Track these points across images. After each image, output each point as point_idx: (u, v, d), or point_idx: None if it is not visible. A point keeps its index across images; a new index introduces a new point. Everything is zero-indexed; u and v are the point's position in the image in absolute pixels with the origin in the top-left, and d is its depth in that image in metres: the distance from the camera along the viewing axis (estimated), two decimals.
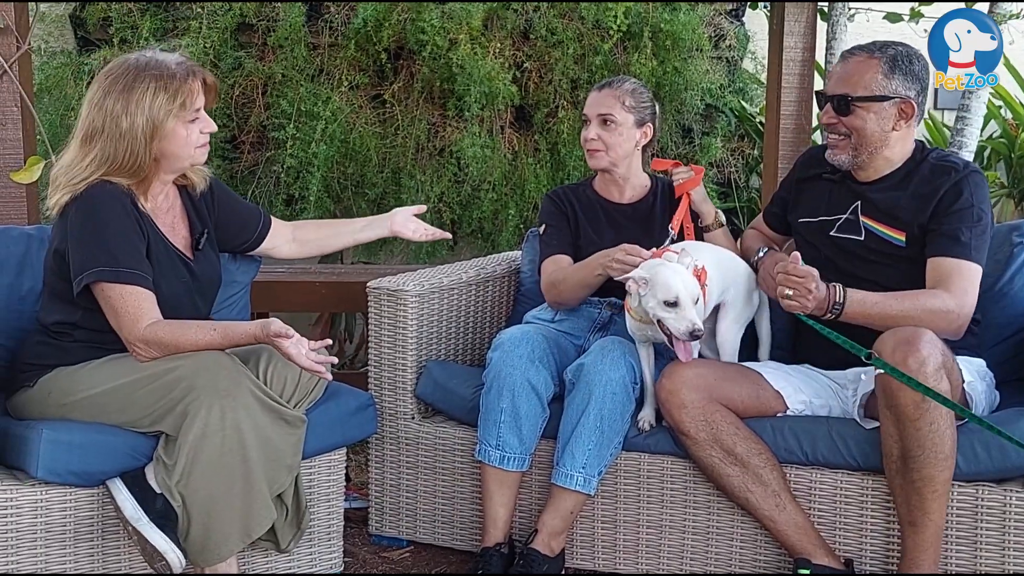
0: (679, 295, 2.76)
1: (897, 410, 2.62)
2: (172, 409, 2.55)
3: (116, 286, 2.62)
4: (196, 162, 2.83)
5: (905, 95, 2.89)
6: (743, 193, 5.27)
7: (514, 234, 4.81)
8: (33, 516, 2.59)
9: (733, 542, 2.96)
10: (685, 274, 2.81)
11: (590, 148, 3.34)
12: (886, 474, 2.74)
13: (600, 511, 3.08)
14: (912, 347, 2.57)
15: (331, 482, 3.04)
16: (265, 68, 4.84)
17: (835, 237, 3.02)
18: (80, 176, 2.69)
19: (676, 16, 4.85)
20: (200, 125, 2.77)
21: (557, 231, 3.41)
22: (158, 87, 2.68)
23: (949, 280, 2.79)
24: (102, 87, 2.70)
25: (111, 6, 4.84)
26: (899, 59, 2.90)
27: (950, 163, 2.95)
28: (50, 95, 4.86)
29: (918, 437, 2.61)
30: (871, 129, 2.91)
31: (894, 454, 2.68)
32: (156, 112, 2.67)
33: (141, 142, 2.68)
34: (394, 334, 3.27)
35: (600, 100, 3.33)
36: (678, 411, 2.85)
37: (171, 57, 2.75)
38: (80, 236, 2.65)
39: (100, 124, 2.69)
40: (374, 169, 4.84)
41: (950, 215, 2.84)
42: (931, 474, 2.63)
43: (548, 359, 3.10)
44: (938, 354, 2.59)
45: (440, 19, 4.65)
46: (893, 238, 2.93)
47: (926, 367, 2.55)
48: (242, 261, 3.23)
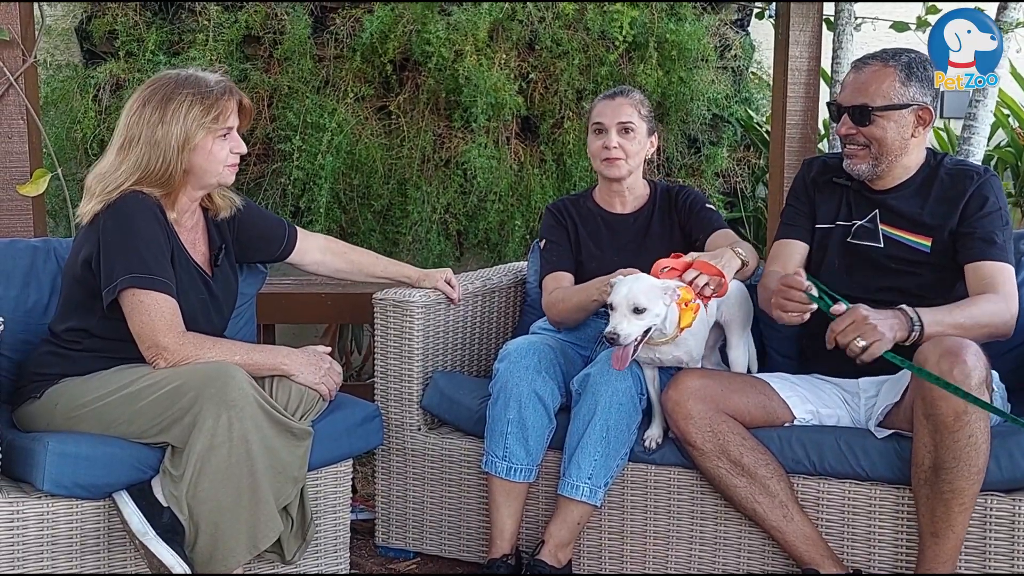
0: (614, 300, 2.76)
1: (936, 419, 2.59)
2: (179, 420, 2.55)
3: (152, 293, 2.65)
4: (224, 181, 2.86)
5: (923, 101, 2.89)
6: (749, 203, 5.26)
7: (520, 245, 4.81)
8: (40, 528, 2.59)
9: (740, 553, 2.95)
10: (643, 285, 2.76)
11: (610, 157, 3.31)
12: (912, 483, 2.72)
13: (607, 522, 3.07)
14: (958, 358, 2.55)
15: (337, 494, 3.04)
16: (271, 80, 4.85)
17: (853, 244, 3.00)
18: (114, 183, 2.73)
19: (682, 26, 4.85)
20: (231, 144, 2.82)
21: (557, 246, 3.40)
22: (194, 100, 2.74)
23: (995, 283, 2.79)
24: (142, 96, 2.77)
25: (117, 19, 4.85)
26: (914, 66, 2.89)
27: (969, 167, 2.96)
28: (56, 108, 4.88)
29: (955, 448, 2.59)
30: (891, 138, 2.90)
31: (925, 464, 2.65)
32: (190, 123, 2.73)
33: (174, 151, 2.73)
34: (400, 345, 3.27)
35: (618, 108, 3.31)
36: (685, 422, 2.84)
37: (211, 76, 2.82)
38: (113, 243, 2.68)
39: (137, 132, 2.74)
40: (380, 180, 4.84)
41: (981, 219, 2.84)
42: (962, 487, 2.61)
43: (555, 370, 3.09)
44: (982, 367, 2.57)
45: (446, 30, 4.65)
46: (919, 244, 2.92)
47: (971, 379, 2.54)
48: (248, 273, 3.23)
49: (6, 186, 3.75)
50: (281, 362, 2.76)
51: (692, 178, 5.09)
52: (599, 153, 3.33)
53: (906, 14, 4.37)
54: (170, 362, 2.63)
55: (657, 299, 2.76)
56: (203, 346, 2.67)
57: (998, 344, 3.02)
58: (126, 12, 4.88)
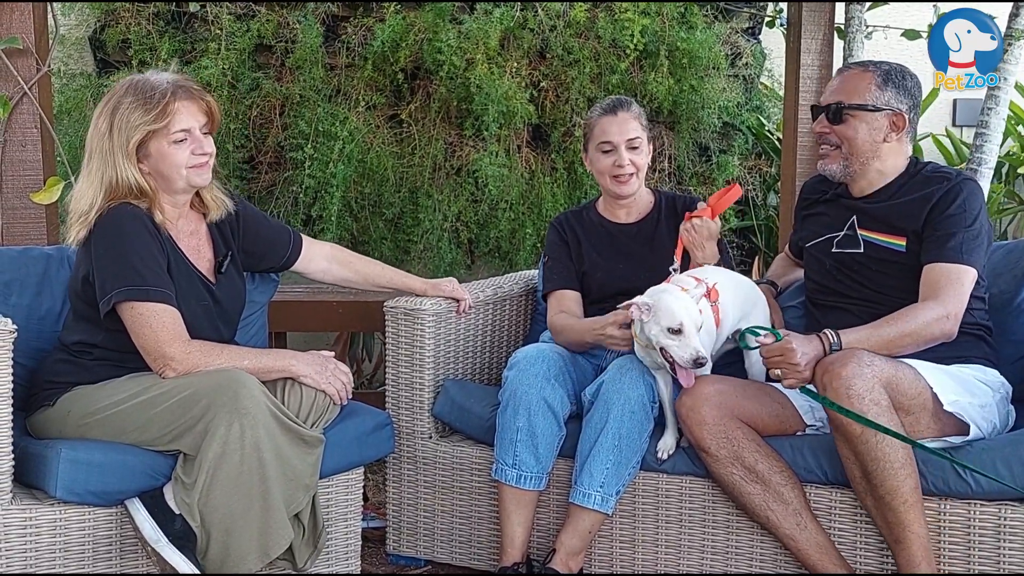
0: (683, 322, 2.74)
1: (842, 431, 2.67)
2: (191, 427, 2.56)
3: (148, 304, 2.64)
4: (193, 183, 2.81)
5: (896, 107, 2.96)
6: (761, 211, 5.25)
7: (531, 253, 4.81)
8: (52, 535, 2.60)
9: (753, 562, 2.94)
10: (688, 300, 2.79)
11: (623, 175, 3.30)
12: (859, 500, 2.77)
13: (618, 531, 3.07)
14: (834, 372, 2.64)
15: (349, 501, 3.05)
16: (283, 89, 4.86)
17: (836, 253, 3.06)
18: (87, 202, 2.72)
19: (693, 34, 4.85)
20: (191, 146, 2.76)
21: (558, 263, 3.40)
22: (136, 104, 2.71)
23: (937, 286, 2.82)
24: (98, 109, 2.77)
25: (130, 28, 4.87)
26: (892, 74, 2.98)
27: (944, 172, 3.01)
28: (69, 117, 4.89)
29: (868, 450, 2.65)
30: (862, 139, 2.96)
31: (856, 475, 2.73)
32: (131, 129, 2.70)
33: (122, 159, 2.70)
34: (411, 353, 3.27)
35: (624, 125, 3.29)
36: (699, 428, 2.84)
37: (164, 76, 2.77)
38: (105, 257, 2.67)
39: (93, 146, 2.75)
40: (391, 189, 4.85)
41: (943, 220, 2.88)
42: (894, 485, 2.65)
43: (564, 377, 3.09)
44: (866, 371, 2.63)
45: (457, 39, 4.66)
46: (893, 244, 2.95)
47: (853, 387, 2.61)
48: (259, 281, 3.23)
49: (20, 194, 3.77)
50: (289, 363, 2.75)
51: (703, 186, 5.08)
52: (609, 171, 3.31)
53: (917, 21, 4.36)
54: (178, 372, 2.63)
55: (698, 311, 2.80)
56: (210, 353, 2.67)
57: (1008, 351, 3.03)
58: (139, 21, 4.90)
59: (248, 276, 3.14)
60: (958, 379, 2.81)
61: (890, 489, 2.66)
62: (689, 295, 2.81)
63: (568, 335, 3.24)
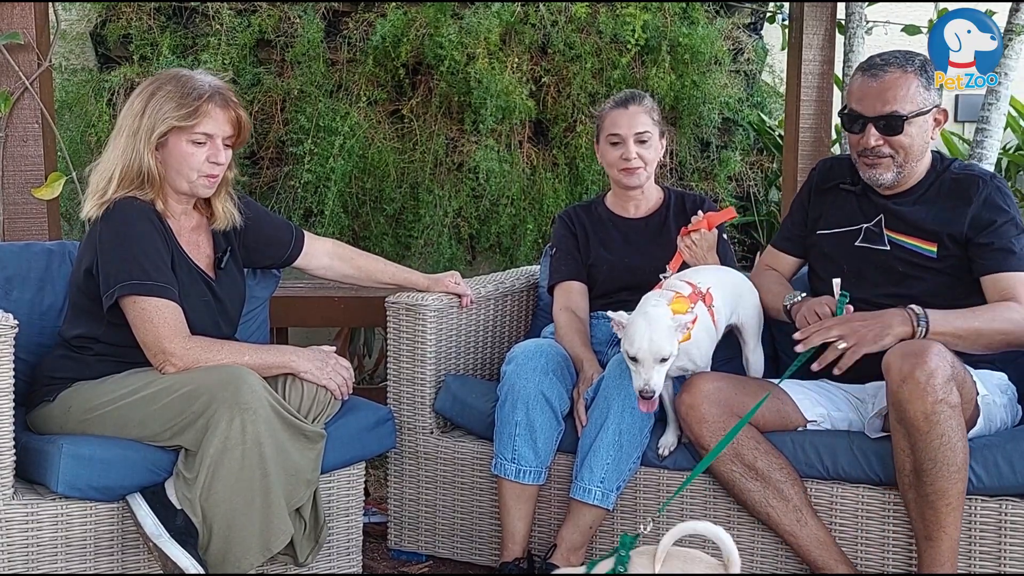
0: (638, 354, 2.67)
1: (907, 423, 2.60)
2: (193, 423, 2.56)
3: (151, 299, 2.65)
4: (197, 191, 2.82)
5: (938, 103, 2.89)
6: (762, 207, 5.25)
7: (532, 249, 4.81)
8: (54, 530, 2.60)
9: (754, 557, 2.95)
10: (663, 331, 2.68)
11: (630, 167, 3.31)
12: (900, 489, 2.72)
13: (619, 526, 3.07)
14: (920, 359, 2.56)
15: (350, 496, 3.05)
16: (283, 84, 4.86)
17: (861, 248, 2.99)
18: (106, 176, 2.75)
19: (694, 30, 4.84)
20: (208, 152, 2.78)
21: (567, 255, 3.40)
22: (173, 95, 2.73)
23: (1016, 292, 2.78)
24: (138, 88, 2.79)
25: (131, 23, 4.87)
26: (927, 67, 2.87)
27: (975, 173, 2.93)
28: (71, 112, 4.89)
29: (929, 450, 2.59)
30: (917, 144, 2.87)
31: (907, 468, 2.67)
32: (160, 116, 2.72)
33: (143, 144, 2.72)
34: (413, 349, 3.27)
35: (633, 118, 3.29)
36: (698, 425, 2.84)
37: (208, 79, 2.79)
38: (110, 250, 2.68)
39: (123, 122, 2.77)
40: (392, 184, 4.85)
41: (997, 230, 2.83)
42: (944, 487, 2.61)
43: (563, 372, 3.09)
44: (947, 366, 2.58)
45: (458, 34, 4.66)
46: (924, 249, 2.90)
47: (935, 379, 2.55)
48: (261, 277, 3.24)
49: (21, 189, 3.77)
50: (289, 359, 2.76)
51: (705, 182, 5.08)
52: (617, 163, 3.33)
53: (918, 17, 4.36)
54: (178, 367, 2.63)
55: (673, 338, 2.69)
56: (211, 349, 2.67)
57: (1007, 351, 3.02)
58: (140, 16, 4.90)
59: (249, 272, 3.15)
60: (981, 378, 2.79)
61: (939, 490, 2.61)
62: (674, 325, 2.70)
63: (566, 342, 3.25)
